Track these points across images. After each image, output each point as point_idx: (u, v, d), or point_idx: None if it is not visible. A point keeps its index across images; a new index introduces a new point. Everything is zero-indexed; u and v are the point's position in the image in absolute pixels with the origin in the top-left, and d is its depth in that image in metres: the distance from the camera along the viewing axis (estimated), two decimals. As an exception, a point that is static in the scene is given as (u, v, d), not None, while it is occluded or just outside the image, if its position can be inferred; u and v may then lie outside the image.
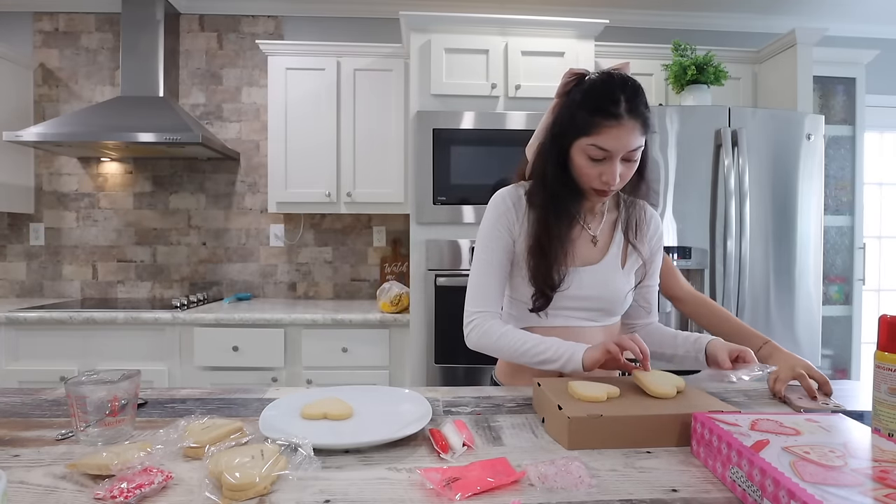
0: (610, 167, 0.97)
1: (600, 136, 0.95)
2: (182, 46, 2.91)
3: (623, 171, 0.98)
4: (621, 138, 0.94)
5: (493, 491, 0.63)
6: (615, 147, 0.95)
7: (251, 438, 0.76)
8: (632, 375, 0.93)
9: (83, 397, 0.75)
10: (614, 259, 1.10)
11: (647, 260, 1.14)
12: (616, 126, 0.94)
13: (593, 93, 0.97)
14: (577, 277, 1.07)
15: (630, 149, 0.96)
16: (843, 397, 1.08)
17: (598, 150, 0.96)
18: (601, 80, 0.98)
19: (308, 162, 2.58)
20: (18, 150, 2.76)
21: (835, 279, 2.64)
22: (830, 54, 2.59)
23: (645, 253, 1.13)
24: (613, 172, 0.96)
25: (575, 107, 0.99)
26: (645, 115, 0.96)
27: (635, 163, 0.99)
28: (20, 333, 2.31)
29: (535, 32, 2.32)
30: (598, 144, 0.95)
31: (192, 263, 2.94)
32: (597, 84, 0.98)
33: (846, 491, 0.52)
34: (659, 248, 1.16)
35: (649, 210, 1.16)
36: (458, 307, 1.17)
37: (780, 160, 2.18)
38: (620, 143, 0.95)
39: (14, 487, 0.63)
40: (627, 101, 0.94)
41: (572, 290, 1.06)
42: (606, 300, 1.09)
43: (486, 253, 1.08)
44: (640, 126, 0.95)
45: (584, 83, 1.01)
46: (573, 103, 1.00)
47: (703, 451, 0.71)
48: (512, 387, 1.13)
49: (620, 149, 0.95)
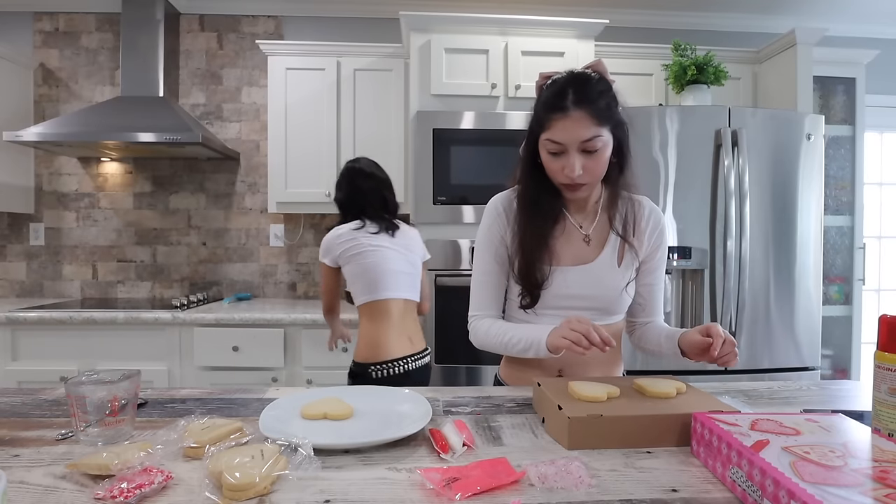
0: (568, 160, 0.99)
1: (552, 130, 0.99)
2: (182, 46, 2.91)
3: (587, 164, 0.99)
4: (569, 129, 0.97)
5: (493, 491, 0.63)
6: (566, 139, 0.97)
7: (251, 438, 0.76)
8: (633, 384, 0.92)
9: (83, 397, 0.75)
10: (609, 257, 1.09)
11: (646, 257, 1.12)
12: (563, 118, 0.97)
13: (548, 91, 1.02)
14: (568, 276, 1.07)
15: (582, 139, 0.97)
16: (844, 397, 1.08)
17: (553, 144, 0.99)
18: (558, 79, 1.03)
19: (308, 162, 2.58)
20: (18, 150, 2.76)
21: (835, 279, 2.64)
22: (830, 54, 2.59)
23: (642, 250, 1.11)
24: (572, 165, 0.98)
25: (537, 106, 1.04)
26: (596, 105, 0.97)
27: (598, 153, 0.99)
28: (20, 333, 2.31)
29: (535, 32, 2.32)
30: (552, 138, 0.99)
31: (192, 263, 2.94)
32: (554, 82, 1.02)
33: (846, 491, 0.52)
34: (658, 244, 1.13)
35: (648, 206, 1.14)
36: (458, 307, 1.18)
37: (780, 160, 2.18)
38: (570, 135, 0.97)
39: (14, 487, 0.63)
40: (574, 93, 0.97)
41: (563, 289, 1.07)
42: (602, 299, 1.08)
43: (481, 262, 1.14)
44: (588, 116, 0.96)
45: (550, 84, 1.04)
46: (536, 104, 1.05)
47: (703, 451, 0.71)
48: (512, 387, 1.13)
49: (571, 140, 0.97)
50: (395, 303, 1.80)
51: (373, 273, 1.78)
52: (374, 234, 1.80)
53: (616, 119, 1.01)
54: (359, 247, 1.78)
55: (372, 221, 1.82)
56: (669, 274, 2.21)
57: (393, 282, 1.79)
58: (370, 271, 1.77)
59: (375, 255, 1.78)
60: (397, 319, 1.81)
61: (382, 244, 1.80)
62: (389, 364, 1.77)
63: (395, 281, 1.80)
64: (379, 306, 1.79)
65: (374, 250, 1.78)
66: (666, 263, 1.18)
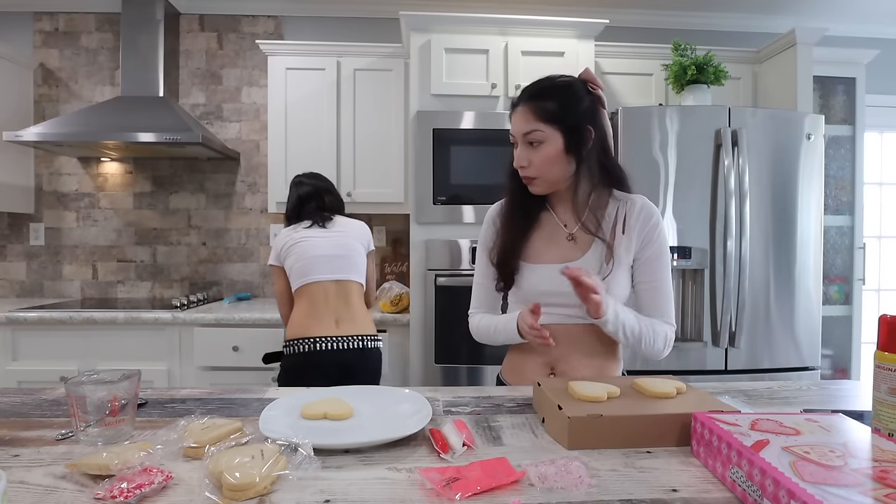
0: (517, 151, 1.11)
1: (511, 124, 1.13)
2: (182, 46, 2.91)
3: (531, 156, 1.08)
4: (515, 122, 1.11)
5: (493, 491, 0.63)
6: (513, 130, 1.11)
7: (251, 438, 0.76)
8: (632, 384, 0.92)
9: (83, 397, 0.75)
10: (595, 257, 1.09)
11: (638, 253, 1.11)
12: (514, 111, 1.11)
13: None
14: (553, 273, 1.05)
15: (524, 131, 1.08)
16: (844, 397, 1.08)
17: (511, 136, 1.13)
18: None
19: (308, 162, 2.57)
20: (18, 150, 2.76)
21: (835, 279, 2.64)
22: (830, 54, 2.59)
23: (632, 246, 1.10)
24: (518, 156, 1.10)
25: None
26: (540, 103, 1.07)
27: (540, 147, 1.07)
28: (20, 333, 2.31)
29: (535, 32, 2.32)
30: (510, 130, 1.13)
31: (192, 263, 2.94)
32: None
33: (846, 491, 0.52)
34: (651, 238, 1.11)
35: (640, 202, 1.12)
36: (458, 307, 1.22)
37: (780, 160, 2.18)
38: (515, 127, 1.11)
39: (14, 487, 0.63)
40: (525, 91, 1.11)
41: (547, 286, 1.09)
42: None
43: (478, 265, 1.24)
44: (530, 111, 1.07)
45: None
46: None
47: (703, 451, 0.71)
48: (512, 387, 1.13)
49: (516, 131, 1.10)
50: (321, 285, 1.90)
51: (301, 260, 1.90)
52: (306, 228, 1.96)
53: (570, 122, 1.07)
54: (291, 241, 1.93)
55: (307, 219, 1.98)
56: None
57: (318, 265, 1.90)
58: (299, 259, 1.91)
59: (304, 244, 1.92)
60: (322, 301, 1.89)
61: (310, 235, 1.94)
62: (300, 341, 1.84)
63: (320, 265, 1.90)
64: (305, 289, 1.90)
65: (303, 240, 1.93)
66: (669, 262, 1.14)
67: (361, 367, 1.89)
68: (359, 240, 2.01)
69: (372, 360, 1.94)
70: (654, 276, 1.12)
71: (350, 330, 1.89)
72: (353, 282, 1.96)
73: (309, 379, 1.69)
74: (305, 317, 1.88)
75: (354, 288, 1.96)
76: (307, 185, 2.04)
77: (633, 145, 2.13)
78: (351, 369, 1.85)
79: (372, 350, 1.93)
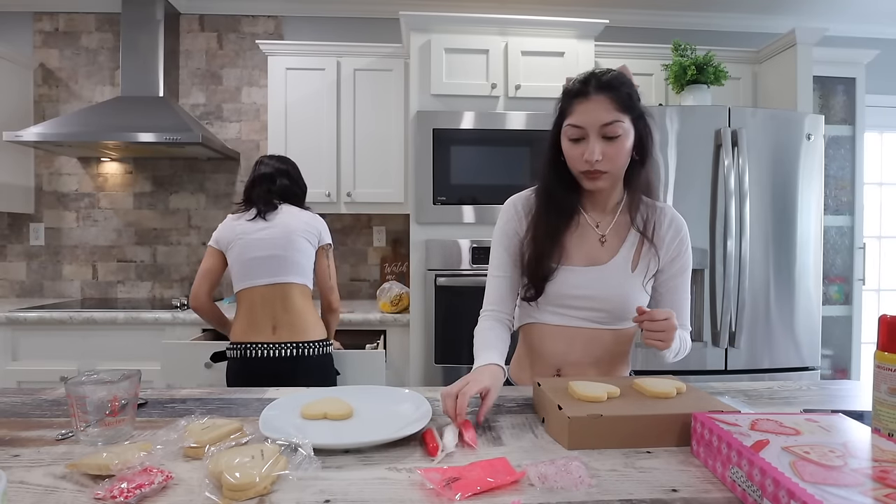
0: (588, 145, 0.99)
1: (574, 115, 1.01)
2: (182, 46, 2.91)
3: (606, 150, 0.99)
4: (590, 112, 0.99)
5: (493, 491, 0.63)
6: (586, 122, 0.99)
7: (251, 438, 0.76)
8: (632, 384, 0.92)
9: (83, 397, 0.75)
10: (624, 261, 1.07)
11: (664, 266, 1.09)
12: (584, 101, 1.00)
13: (571, 83, 1.04)
14: (577, 276, 1.06)
15: (602, 122, 0.98)
16: (844, 397, 1.08)
17: (574, 129, 1.01)
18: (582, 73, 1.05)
19: (308, 162, 2.56)
20: (18, 150, 2.76)
21: (835, 279, 2.64)
22: (830, 54, 2.59)
23: (661, 258, 1.08)
24: (592, 149, 0.99)
25: (561, 99, 1.06)
26: (618, 91, 0.99)
27: (618, 140, 0.99)
28: (20, 333, 2.31)
29: (535, 32, 2.32)
30: (573, 122, 1.01)
31: (192, 263, 2.93)
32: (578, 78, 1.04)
33: (846, 491, 0.52)
34: (679, 253, 1.09)
35: (670, 213, 1.11)
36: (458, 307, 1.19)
37: (780, 160, 2.18)
38: (590, 117, 0.99)
39: (14, 487, 0.63)
40: (596, 80, 1.00)
41: (571, 289, 1.06)
42: (611, 302, 1.05)
43: (494, 258, 1.15)
44: (609, 100, 0.98)
45: None
46: (560, 97, 1.07)
47: (703, 451, 0.71)
48: (512, 387, 1.13)
49: (592, 123, 0.99)
50: (256, 290, 1.76)
51: (238, 263, 1.77)
52: (248, 220, 1.78)
53: (638, 111, 1.02)
54: (233, 235, 1.78)
55: (254, 206, 1.81)
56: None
57: (253, 269, 1.75)
58: (237, 261, 1.77)
59: (241, 243, 1.76)
60: (259, 306, 1.76)
61: (249, 230, 1.77)
62: (239, 346, 1.75)
63: (254, 268, 1.75)
64: (243, 294, 1.78)
65: (242, 237, 1.77)
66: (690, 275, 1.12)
67: (297, 375, 1.72)
68: (303, 235, 1.80)
69: (312, 368, 1.77)
70: (678, 287, 1.11)
71: (286, 336, 1.74)
72: (293, 284, 1.78)
73: (248, 385, 1.47)
74: (244, 322, 1.77)
75: (295, 290, 1.78)
76: (266, 165, 1.88)
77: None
78: (286, 377, 1.70)
79: (311, 358, 1.76)
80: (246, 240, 1.76)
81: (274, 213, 1.80)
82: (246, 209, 1.83)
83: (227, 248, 1.79)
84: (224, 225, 1.82)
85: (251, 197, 1.84)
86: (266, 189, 1.83)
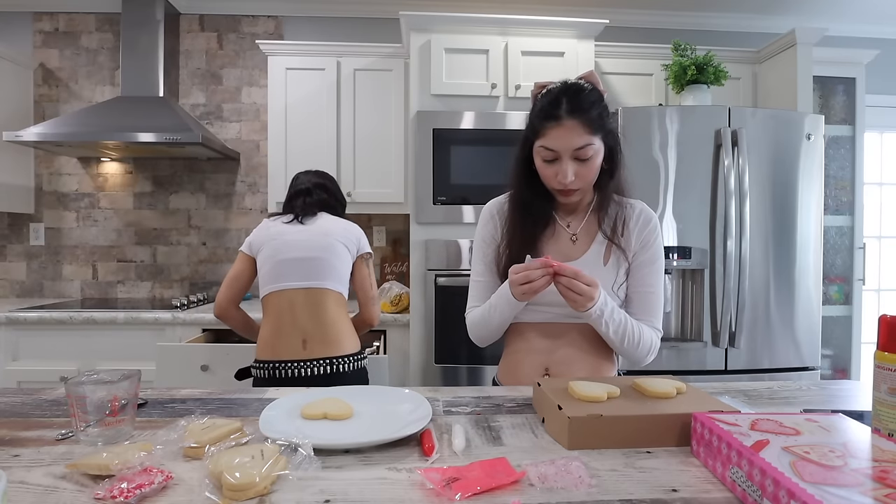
0: (561, 166, 1.03)
1: (546, 138, 1.03)
2: (182, 46, 2.91)
3: (579, 170, 1.03)
4: (562, 137, 1.01)
5: (493, 491, 0.63)
6: (559, 146, 1.02)
7: (251, 438, 0.76)
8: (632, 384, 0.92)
9: (83, 397, 0.75)
10: (595, 256, 1.11)
11: (634, 255, 1.12)
12: (556, 126, 1.02)
13: (543, 100, 1.06)
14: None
15: (575, 147, 1.01)
16: (844, 397, 1.08)
17: (547, 151, 1.04)
18: (552, 88, 1.06)
19: (308, 162, 2.57)
20: (18, 150, 2.76)
21: (835, 279, 2.64)
22: (830, 54, 2.59)
23: (630, 249, 1.12)
24: (565, 171, 1.03)
25: (532, 115, 1.08)
26: (588, 115, 1.01)
27: (589, 161, 1.03)
28: (20, 333, 2.31)
29: (535, 32, 2.32)
30: (546, 146, 1.04)
31: (191, 263, 2.94)
32: (549, 92, 1.06)
33: (846, 491, 0.52)
34: (648, 241, 1.12)
35: (639, 207, 1.15)
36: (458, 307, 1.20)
37: (780, 160, 2.18)
38: (563, 143, 1.02)
39: (14, 487, 0.63)
40: (568, 102, 1.01)
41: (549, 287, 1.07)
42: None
43: (475, 264, 1.21)
44: (581, 125, 1.01)
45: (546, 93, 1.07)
46: (531, 112, 1.09)
47: (703, 451, 0.71)
48: (512, 387, 1.13)
49: (564, 148, 1.02)
50: (287, 294, 1.62)
51: (269, 263, 1.65)
52: (285, 223, 1.70)
53: (607, 128, 1.05)
54: (268, 235, 1.68)
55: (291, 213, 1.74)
56: (669, 274, 2.21)
57: (287, 270, 1.63)
58: (268, 261, 1.65)
59: (276, 243, 1.66)
60: (288, 315, 1.62)
61: (286, 231, 1.68)
62: (266, 365, 1.60)
63: (289, 269, 1.63)
64: (271, 299, 1.64)
65: (278, 237, 1.67)
66: (662, 268, 1.15)
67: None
68: (342, 241, 1.70)
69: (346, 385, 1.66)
70: (647, 280, 1.13)
71: (318, 352, 1.60)
72: (329, 290, 1.65)
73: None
74: (271, 335, 1.63)
75: (330, 298, 1.65)
76: (302, 181, 1.81)
77: (633, 145, 2.13)
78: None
79: (345, 374, 1.61)
80: (281, 240, 1.66)
81: (312, 218, 1.73)
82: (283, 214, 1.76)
83: (258, 250, 1.68)
84: (259, 228, 1.73)
85: (291, 209, 1.77)
86: (304, 202, 1.75)
